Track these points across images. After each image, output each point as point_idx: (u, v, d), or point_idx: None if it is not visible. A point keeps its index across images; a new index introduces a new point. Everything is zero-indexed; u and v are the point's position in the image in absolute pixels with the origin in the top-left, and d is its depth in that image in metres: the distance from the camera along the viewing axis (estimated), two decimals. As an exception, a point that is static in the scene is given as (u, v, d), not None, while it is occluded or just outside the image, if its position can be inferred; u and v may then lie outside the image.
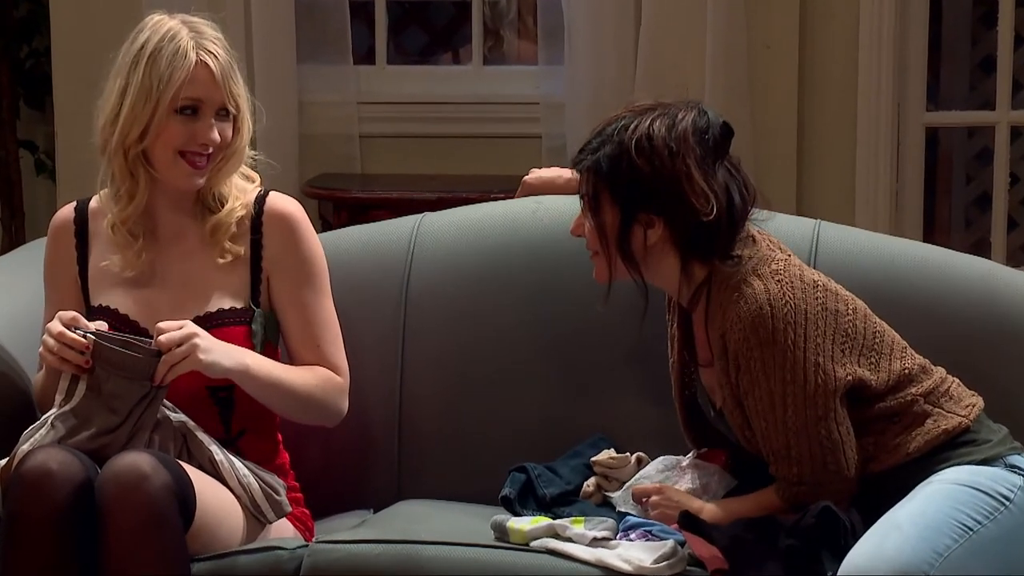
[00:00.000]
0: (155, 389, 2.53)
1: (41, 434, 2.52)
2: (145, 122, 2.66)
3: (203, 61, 2.66)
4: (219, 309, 2.69)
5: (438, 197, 3.99)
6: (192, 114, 2.67)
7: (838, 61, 4.25)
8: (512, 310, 2.95)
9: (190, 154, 2.67)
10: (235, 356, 2.61)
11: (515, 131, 4.34)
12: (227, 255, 2.71)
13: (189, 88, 2.65)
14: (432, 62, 5.27)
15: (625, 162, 2.52)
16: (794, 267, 2.55)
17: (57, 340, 2.52)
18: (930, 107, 4.44)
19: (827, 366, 2.48)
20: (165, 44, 2.66)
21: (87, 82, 4.38)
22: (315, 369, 2.73)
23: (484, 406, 2.94)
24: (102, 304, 2.70)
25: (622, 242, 2.55)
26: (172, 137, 2.66)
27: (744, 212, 2.56)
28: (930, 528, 2.38)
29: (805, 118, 4.26)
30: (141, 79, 2.66)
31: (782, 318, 2.47)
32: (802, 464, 2.50)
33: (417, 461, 2.95)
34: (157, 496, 2.40)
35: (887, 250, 2.91)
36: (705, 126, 2.54)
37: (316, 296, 2.76)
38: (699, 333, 2.62)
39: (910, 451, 2.52)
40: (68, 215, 2.80)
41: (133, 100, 2.67)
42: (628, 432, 2.88)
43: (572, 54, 4.26)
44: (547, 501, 2.73)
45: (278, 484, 2.67)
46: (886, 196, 4.27)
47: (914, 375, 2.57)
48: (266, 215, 2.74)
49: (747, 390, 2.51)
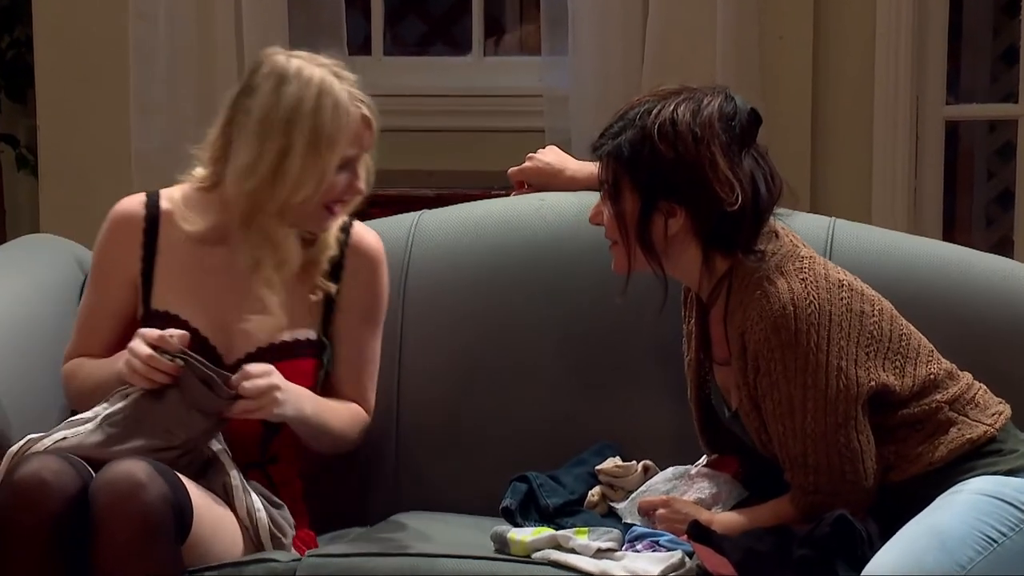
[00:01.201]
0: (218, 422, 2.58)
1: (86, 430, 2.55)
2: (313, 184, 2.64)
3: (364, 115, 2.68)
4: (295, 340, 2.72)
5: (437, 194, 3.99)
6: (347, 166, 2.68)
7: (854, 52, 4.25)
8: (514, 312, 2.95)
9: (335, 203, 2.69)
10: (299, 405, 2.65)
11: (517, 125, 4.33)
12: (318, 292, 2.74)
13: (354, 144, 2.67)
14: (430, 53, 5.27)
15: (647, 148, 2.52)
16: (819, 265, 2.55)
17: (146, 363, 2.55)
18: (950, 100, 4.43)
19: (850, 371, 2.48)
20: (325, 99, 2.64)
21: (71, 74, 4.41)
22: (351, 408, 2.78)
23: (485, 412, 2.94)
24: (169, 311, 2.71)
25: (642, 231, 2.55)
26: (331, 191, 2.67)
27: (770, 203, 2.56)
28: (952, 539, 2.38)
29: (819, 112, 4.26)
30: (308, 139, 2.63)
31: (805, 319, 2.47)
32: (819, 472, 2.49)
33: (415, 470, 2.95)
34: (152, 506, 2.40)
35: (905, 249, 2.91)
36: (732, 112, 2.54)
37: (372, 335, 2.81)
38: (716, 329, 2.61)
39: (933, 460, 2.52)
40: (137, 210, 2.77)
41: (301, 163, 2.63)
42: (635, 439, 2.88)
43: (577, 44, 4.25)
44: (550, 511, 2.73)
45: (287, 526, 2.69)
46: (904, 193, 4.26)
47: (939, 381, 2.56)
48: (351, 249, 2.78)
49: (765, 393, 2.50)
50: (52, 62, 4.38)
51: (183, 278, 2.73)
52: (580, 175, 3.02)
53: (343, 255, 2.77)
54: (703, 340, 2.67)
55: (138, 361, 2.55)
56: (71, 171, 4.39)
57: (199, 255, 2.73)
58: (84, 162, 4.38)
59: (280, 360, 2.69)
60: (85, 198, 4.32)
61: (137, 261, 2.75)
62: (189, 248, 2.74)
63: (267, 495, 2.68)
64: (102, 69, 4.34)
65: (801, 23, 4.24)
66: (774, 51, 4.22)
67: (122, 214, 2.77)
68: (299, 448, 2.78)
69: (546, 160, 3.05)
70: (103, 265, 2.78)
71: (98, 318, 2.77)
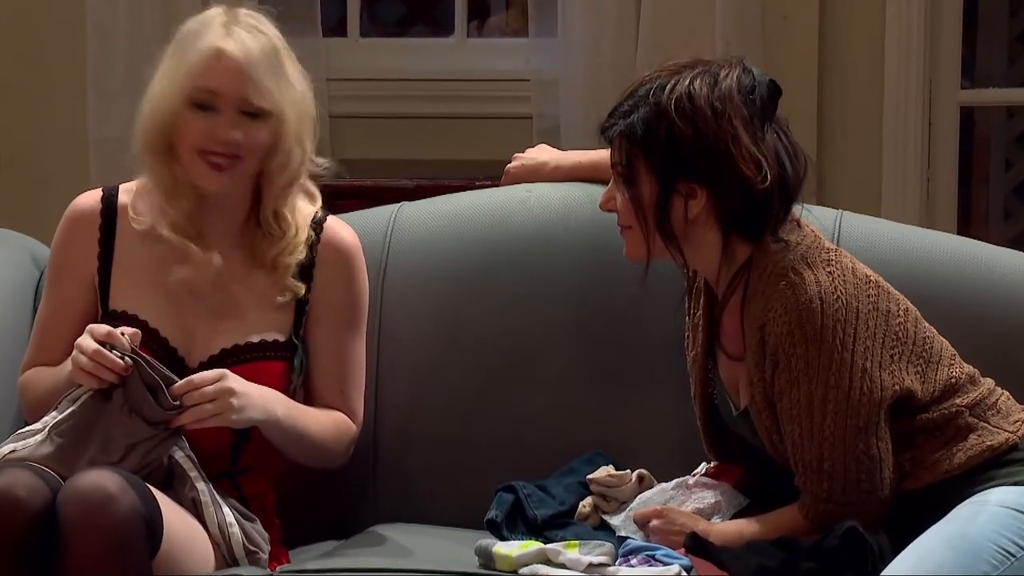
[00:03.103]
0: (167, 432, 2.57)
1: (35, 442, 2.55)
2: (167, 116, 2.66)
3: (222, 49, 2.65)
4: (261, 340, 2.73)
5: (417, 185, 4.00)
6: (212, 110, 2.66)
7: (863, 33, 4.26)
8: (500, 311, 2.95)
9: (209, 153, 2.67)
10: (268, 407, 2.65)
11: (503, 111, 4.34)
12: (287, 293, 2.74)
13: (203, 78, 2.65)
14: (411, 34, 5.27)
15: (663, 125, 2.52)
16: (845, 258, 2.56)
17: (92, 359, 2.54)
18: (965, 84, 4.45)
19: (874, 373, 2.49)
20: (196, 28, 2.68)
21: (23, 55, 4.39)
22: (334, 416, 2.78)
23: (468, 418, 2.94)
24: (127, 311, 2.71)
25: (661, 216, 2.54)
26: (188, 133, 2.66)
27: (797, 182, 2.56)
28: (968, 552, 2.39)
29: (826, 97, 4.27)
30: (166, 69, 2.68)
31: (832, 314, 2.47)
32: (833, 479, 2.50)
33: (394, 479, 2.95)
34: (124, 520, 2.40)
35: (917, 244, 2.92)
36: (751, 84, 2.54)
37: (353, 338, 2.81)
38: (730, 321, 2.61)
39: (950, 468, 2.53)
40: (93, 205, 2.79)
41: (158, 91, 2.68)
42: (630, 447, 2.89)
43: (566, 25, 4.25)
44: (538, 524, 2.73)
45: (262, 540, 2.69)
46: (915, 184, 4.27)
47: (961, 385, 2.57)
48: (322, 245, 2.77)
49: (783, 390, 2.51)
50: (3, 42, 4.38)
51: (142, 277, 2.73)
52: (564, 164, 3.03)
53: (313, 252, 2.77)
54: (711, 333, 2.67)
55: (84, 357, 2.55)
56: (24, 160, 4.38)
57: (159, 252, 2.73)
58: (38, 151, 4.37)
59: (246, 363, 2.69)
60: (39, 190, 4.32)
61: (93, 260, 2.75)
62: (148, 245, 2.74)
63: (240, 508, 2.68)
64: (57, 49, 4.34)
65: (806, 2, 4.25)
66: (778, 32, 4.23)
67: (77, 211, 2.78)
68: (273, 458, 2.77)
69: (530, 156, 3.06)
70: (59, 266, 2.79)
71: (56, 323, 2.77)
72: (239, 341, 2.71)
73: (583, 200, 2.97)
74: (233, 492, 2.71)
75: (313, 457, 2.77)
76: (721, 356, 2.66)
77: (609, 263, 2.90)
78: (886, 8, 4.24)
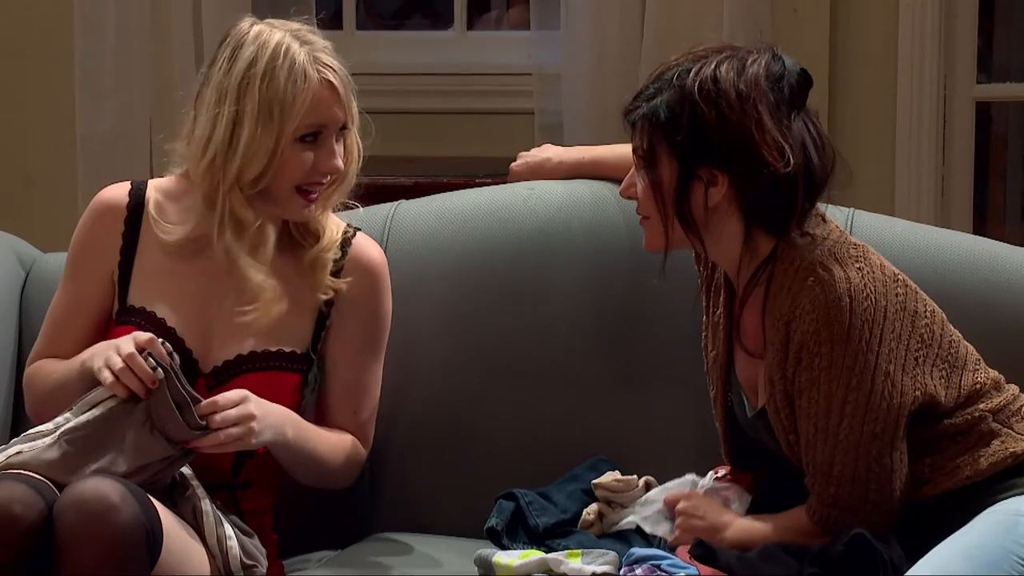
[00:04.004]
0: (182, 451, 2.57)
1: (43, 444, 2.54)
2: (267, 156, 2.65)
3: (325, 79, 2.68)
4: (279, 350, 2.73)
5: (415, 182, 3.99)
6: (313, 140, 2.68)
7: (875, 25, 4.26)
8: (500, 312, 2.95)
9: (310, 185, 2.69)
10: (281, 428, 2.65)
11: (504, 106, 4.34)
12: (328, 291, 2.74)
13: (313, 113, 2.67)
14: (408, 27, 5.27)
15: (687, 109, 2.52)
16: (873, 255, 2.56)
17: (126, 361, 2.53)
18: (981, 79, 4.44)
19: (896, 377, 2.48)
20: (280, 62, 2.66)
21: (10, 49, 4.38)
22: (345, 439, 2.78)
23: (466, 424, 2.94)
24: (144, 307, 2.72)
25: (680, 202, 2.54)
26: (293, 170, 2.67)
27: (824, 175, 2.55)
28: (987, 564, 2.38)
29: (837, 91, 4.26)
30: (258, 105, 2.64)
31: (860, 314, 2.47)
32: (842, 485, 2.50)
33: (391, 486, 2.95)
34: (125, 530, 2.40)
35: (931, 243, 2.92)
36: (780, 72, 2.55)
37: (372, 360, 2.81)
38: (751, 318, 2.60)
39: (972, 474, 2.52)
40: (120, 199, 2.78)
41: (249, 136, 2.65)
42: (635, 452, 2.89)
43: (569, 17, 4.25)
44: (539, 532, 2.73)
45: (260, 554, 2.69)
46: (930, 181, 4.27)
47: (985, 391, 2.57)
48: (349, 260, 2.78)
49: (803, 389, 2.50)
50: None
51: (163, 275, 2.73)
52: (567, 161, 3.03)
53: (341, 268, 2.77)
54: (730, 331, 2.66)
55: (118, 359, 2.54)
56: (10, 158, 4.38)
57: (182, 253, 2.73)
58: (25, 148, 4.37)
59: (261, 371, 2.70)
60: (25, 187, 4.32)
61: (115, 254, 2.75)
62: (173, 245, 2.74)
63: (238, 523, 2.68)
64: (46, 44, 4.34)
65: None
66: (787, 24, 4.23)
67: (103, 204, 2.78)
68: (275, 473, 2.77)
69: (533, 154, 3.06)
70: (79, 257, 2.78)
71: (70, 315, 2.77)
72: (256, 348, 2.72)
73: (586, 197, 2.97)
74: (230, 505, 2.70)
75: (319, 478, 2.77)
76: (739, 354, 2.66)
77: (613, 262, 2.90)
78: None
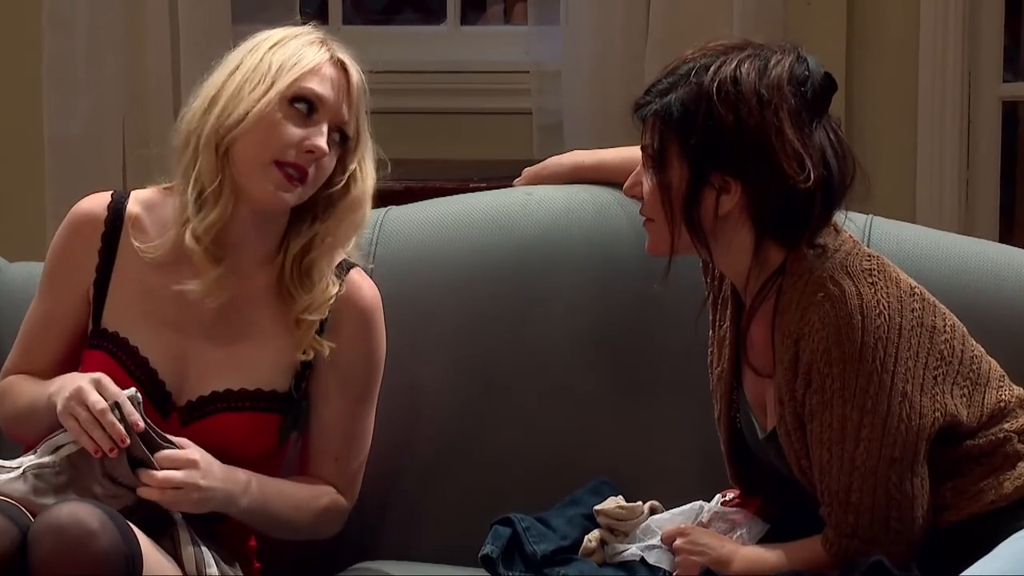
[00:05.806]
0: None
1: (7, 478, 2.54)
2: (249, 104, 2.64)
3: (339, 60, 2.71)
4: (257, 389, 2.71)
5: (405, 187, 3.99)
6: (306, 114, 2.67)
7: (895, 20, 4.26)
8: (496, 324, 2.95)
9: (288, 164, 2.66)
10: (231, 498, 2.63)
11: (500, 106, 4.35)
12: (309, 352, 2.72)
13: (312, 78, 2.67)
14: (398, 22, 5.27)
15: (703, 109, 2.51)
16: (889, 268, 2.55)
17: (94, 416, 2.52)
18: (1007, 77, 4.44)
19: (915, 398, 2.48)
20: (294, 37, 2.70)
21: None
22: (318, 495, 2.76)
23: (459, 444, 2.94)
24: (118, 332, 2.70)
25: (689, 208, 2.54)
26: (272, 131, 2.64)
27: (843, 187, 2.55)
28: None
29: (855, 90, 4.27)
30: (258, 62, 2.67)
31: (873, 331, 2.47)
32: (860, 514, 2.50)
33: (380, 511, 2.95)
34: (104, 557, 2.40)
35: (955, 252, 2.92)
36: (804, 75, 2.54)
37: (362, 407, 2.80)
38: (759, 333, 2.60)
39: (996, 498, 2.52)
40: (99, 210, 2.77)
41: (241, 81, 2.66)
42: (639, 474, 2.89)
43: (570, 11, 4.26)
44: (537, 560, 2.73)
45: None
46: (953, 186, 4.28)
47: (1009, 409, 2.57)
48: (341, 300, 2.75)
49: (814, 412, 2.50)
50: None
51: (140, 296, 2.72)
52: (565, 164, 3.04)
53: (329, 310, 2.74)
54: (738, 347, 2.66)
55: (85, 412, 2.52)
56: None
57: (162, 272, 2.72)
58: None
59: (238, 411, 2.68)
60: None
61: (91, 271, 2.74)
62: (152, 265, 2.73)
63: (219, 552, 2.66)
64: (11, 39, 4.34)
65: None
66: (802, 16, 4.23)
67: (80, 214, 2.77)
68: None
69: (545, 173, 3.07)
70: (55, 271, 2.78)
71: (43, 331, 2.76)
72: (232, 386, 2.70)
73: (587, 203, 2.97)
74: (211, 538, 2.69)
75: (288, 535, 2.77)
76: (747, 372, 2.65)
77: (615, 269, 2.90)
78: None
